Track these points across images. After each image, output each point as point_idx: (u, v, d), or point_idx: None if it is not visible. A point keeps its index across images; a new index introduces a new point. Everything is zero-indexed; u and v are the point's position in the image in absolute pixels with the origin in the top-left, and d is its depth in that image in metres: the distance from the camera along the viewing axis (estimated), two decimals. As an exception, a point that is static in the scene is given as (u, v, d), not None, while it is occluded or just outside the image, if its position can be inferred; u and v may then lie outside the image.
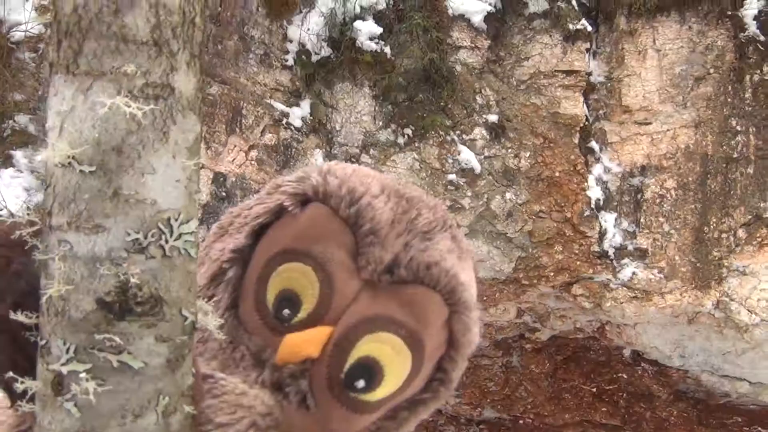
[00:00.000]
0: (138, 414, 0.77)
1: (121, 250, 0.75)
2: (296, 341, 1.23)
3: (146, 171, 0.76)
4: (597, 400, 4.80)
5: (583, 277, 4.76)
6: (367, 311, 1.24)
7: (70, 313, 0.75)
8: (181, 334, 0.80)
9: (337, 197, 1.26)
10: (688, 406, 4.80)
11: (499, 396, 4.75)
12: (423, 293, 1.25)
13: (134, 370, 0.76)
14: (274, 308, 1.26)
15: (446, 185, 4.75)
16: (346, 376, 1.23)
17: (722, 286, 4.67)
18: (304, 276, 1.26)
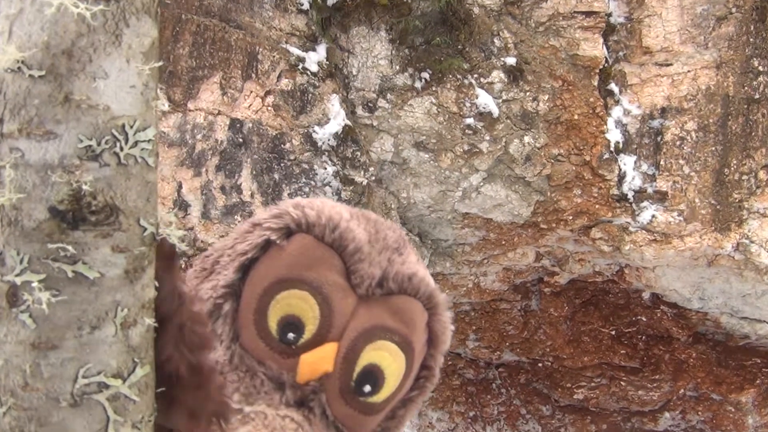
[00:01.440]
0: (95, 326, 0.76)
1: (74, 158, 0.74)
2: (312, 360, 1.35)
3: (98, 75, 0.74)
4: (616, 342, 4.79)
5: (602, 220, 4.72)
6: (366, 323, 1.38)
7: (22, 222, 0.74)
8: (139, 245, 0.79)
9: (319, 226, 1.39)
10: (707, 348, 4.78)
11: (518, 339, 4.76)
12: (408, 301, 1.42)
13: (90, 280, 0.75)
14: (278, 334, 1.37)
15: (464, 129, 4.70)
16: (355, 384, 1.37)
17: (742, 228, 4.62)
18: (303, 301, 1.37)
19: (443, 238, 4.77)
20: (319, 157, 4.47)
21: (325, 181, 4.45)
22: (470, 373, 4.82)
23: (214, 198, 4.39)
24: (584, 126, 4.75)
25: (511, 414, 4.91)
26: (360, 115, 4.63)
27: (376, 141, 4.56)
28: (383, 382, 1.41)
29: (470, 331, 4.70)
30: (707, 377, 4.82)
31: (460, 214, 4.69)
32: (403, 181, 4.62)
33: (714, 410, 4.88)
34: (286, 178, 4.44)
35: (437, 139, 4.57)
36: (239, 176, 4.42)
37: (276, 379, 1.33)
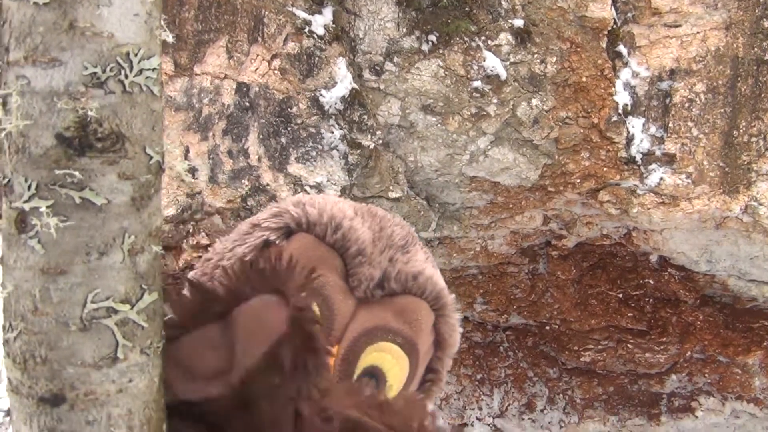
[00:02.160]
0: (103, 251, 0.77)
1: (79, 85, 0.75)
2: None
3: (102, 3, 0.75)
4: (623, 305, 4.80)
5: (610, 183, 4.71)
6: (366, 324, 1.36)
7: (30, 149, 0.75)
8: (146, 173, 0.80)
9: (320, 225, 1.38)
10: (715, 311, 4.79)
11: (526, 303, 4.78)
12: (413, 302, 1.40)
13: (97, 207, 0.76)
14: None
15: (471, 92, 4.69)
16: None
17: (751, 191, 4.60)
18: None
19: (451, 202, 4.77)
20: (326, 120, 4.47)
21: (332, 145, 4.45)
22: (478, 336, 4.85)
23: (222, 162, 4.39)
24: (592, 88, 4.73)
25: (519, 377, 4.93)
26: (367, 78, 4.62)
27: (383, 104, 4.55)
28: (384, 385, 1.39)
29: (478, 295, 4.71)
30: (714, 339, 4.84)
31: (467, 177, 4.69)
32: (410, 144, 4.62)
33: (721, 372, 4.89)
34: (293, 142, 4.44)
35: (444, 103, 4.55)
36: (246, 140, 4.42)
37: None
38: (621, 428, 5.08)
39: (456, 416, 4.84)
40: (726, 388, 4.90)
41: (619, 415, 5.05)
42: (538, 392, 4.95)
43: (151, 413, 0.83)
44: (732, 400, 4.93)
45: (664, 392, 5.00)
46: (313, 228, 1.40)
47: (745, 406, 4.93)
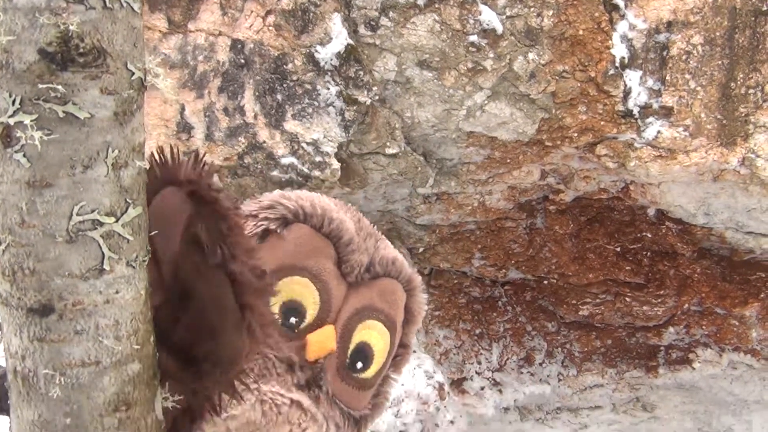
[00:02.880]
0: (87, 165, 0.79)
1: (60, 0, 0.76)
2: (320, 339, 1.50)
3: None
4: (621, 259, 4.82)
5: (608, 137, 4.71)
6: (357, 305, 1.54)
7: (13, 64, 0.77)
8: (128, 89, 0.81)
9: (316, 217, 1.53)
10: (712, 264, 4.81)
11: (524, 257, 4.80)
12: (391, 283, 1.61)
13: (81, 120, 0.78)
14: (281, 318, 1.49)
15: (467, 47, 4.66)
16: (350, 361, 1.54)
17: (748, 143, 4.60)
18: (304, 287, 1.51)
19: (448, 158, 4.77)
20: (322, 77, 4.46)
21: (328, 102, 4.45)
22: (476, 291, 4.88)
23: (218, 120, 4.39)
24: (589, 42, 4.70)
25: (517, 331, 4.98)
26: (362, 34, 4.59)
27: (379, 60, 4.53)
28: (372, 359, 1.58)
29: (476, 250, 4.73)
30: (711, 292, 4.87)
31: (464, 132, 4.69)
32: (406, 100, 4.61)
33: (718, 324, 4.93)
34: (288, 99, 4.44)
35: (441, 58, 4.53)
36: (242, 98, 4.42)
37: (286, 360, 1.44)
38: (619, 381, 5.13)
39: (455, 370, 4.89)
40: (723, 340, 4.95)
41: (617, 368, 5.10)
42: (536, 346, 4.99)
43: (138, 324, 0.85)
44: (729, 351, 4.98)
45: (661, 345, 5.04)
46: (310, 219, 1.54)
47: (742, 357, 4.98)
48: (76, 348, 0.79)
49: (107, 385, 0.83)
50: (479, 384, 4.92)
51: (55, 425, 0.81)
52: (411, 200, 4.74)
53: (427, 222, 4.68)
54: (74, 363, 0.79)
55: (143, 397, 0.89)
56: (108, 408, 0.83)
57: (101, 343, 0.80)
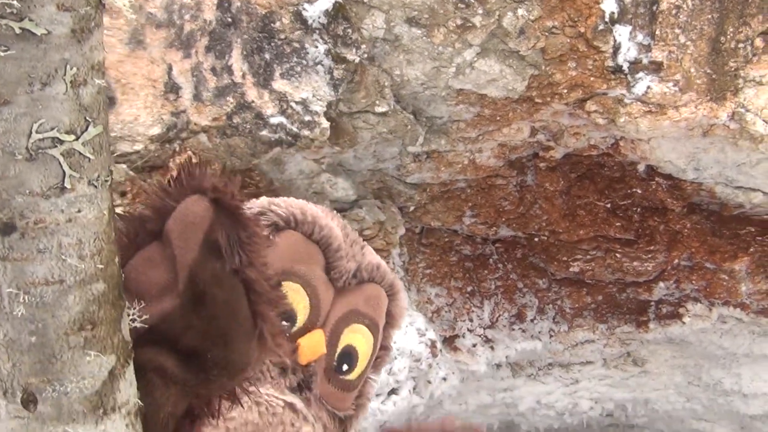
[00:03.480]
0: (45, 82, 0.79)
1: None
2: (311, 344, 1.54)
3: None
4: (611, 215, 4.84)
5: (597, 92, 4.70)
6: (344, 309, 1.59)
7: (-32, -19, 0.76)
8: (85, 5, 0.81)
9: (306, 224, 1.57)
10: (702, 219, 4.83)
11: (514, 215, 4.81)
12: (375, 288, 1.66)
13: (37, 37, 0.78)
14: None
15: (456, 3, 4.63)
16: (336, 364, 1.59)
17: (738, 97, 4.59)
18: (295, 292, 1.53)
19: (438, 116, 4.76)
20: (310, 35, 4.43)
21: (316, 60, 4.43)
22: (467, 249, 4.89)
23: (205, 80, 4.37)
24: (578, -3, 4.68)
25: (508, 288, 5.00)
26: (350, -10, 4.56)
27: (367, 17, 4.50)
28: (357, 361, 1.64)
29: (466, 208, 4.74)
30: (701, 247, 4.89)
31: (454, 90, 4.67)
32: (395, 58, 4.58)
33: (708, 279, 4.96)
34: (277, 58, 4.42)
35: (429, 14, 4.50)
36: (229, 57, 4.39)
37: (280, 364, 1.48)
38: (610, 336, 5.17)
39: (447, 328, 4.92)
40: (713, 294, 4.98)
41: (607, 323, 5.13)
42: (527, 303, 5.02)
43: (101, 244, 0.86)
44: (719, 305, 5.01)
45: (652, 300, 5.07)
46: (301, 226, 1.59)
47: (731, 311, 5.02)
48: (40, 267, 0.80)
49: (72, 304, 0.84)
50: (471, 341, 4.96)
51: (20, 344, 0.82)
52: (401, 159, 4.74)
53: (418, 180, 4.69)
54: (38, 282, 0.80)
55: (109, 317, 0.90)
56: (73, 327, 0.84)
57: (65, 262, 0.80)
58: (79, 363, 0.86)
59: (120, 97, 4.13)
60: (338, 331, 1.62)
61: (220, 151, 4.35)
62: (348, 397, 1.67)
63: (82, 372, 0.87)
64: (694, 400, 6.00)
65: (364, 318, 1.65)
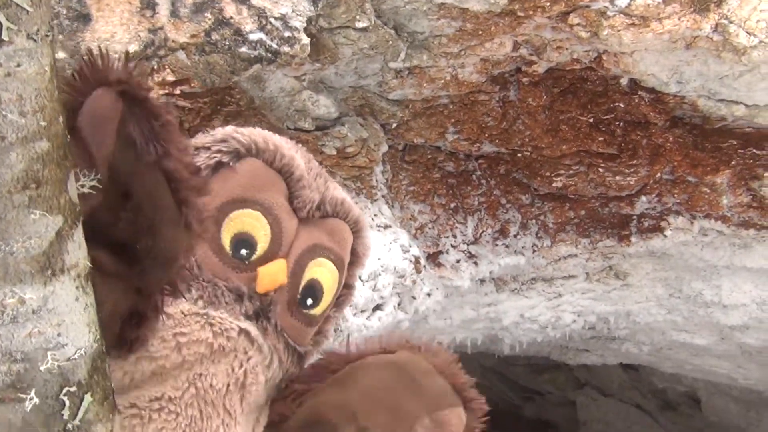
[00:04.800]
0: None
1: None
2: (271, 272, 1.51)
3: None
4: (594, 130, 4.84)
5: (580, 5, 4.64)
6: (309, 242, 1.56)
7: None
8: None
9: (268, 152, 1.54)
10: (684, 132, 4.83)
11: (497, 130, 4.81)
12: (340, 224, 1.64)
13: None
14: (232, 250, 1.51)
15: None
16: (300, 297, 1.57)
17: (721, 9, 4.55)
18: (255, 220, 1.51)
19: (419, 31, 4.71)
20: (288, -52, 4.35)
21: (295, -25, 4.36)
22: (450, 165, 4.90)
23: (183, -5, 4.31)
24: None
25: (492, 204, 5.03)
26: None
27: (346, -70, 4.41)
28: (322, 296, 1.62)
29: (449, 124, 4.73)
30: (684, 160, 4.91)
31: (435, 4, 4.61)
32: (375, -29, 4.51)
33: (690, 192, 4.99)
34: (255, -28, 4.34)
35: (409, -74, 4.42)
36: (207, -28, 4.32)
37: (236, 290, 1.47)
38: (592, 250, 5.22)
39: (431, 244, 4.96)
40: (694, 207, 5.02)
41: (590, 238, 5.18)
42: (511, 218, 5.05)
43: (44, 102, 0.86)
44: (700, 218, 5.06)
45: (634, 214, 5.11)
46: (262, 154, 1.56)
47: (712, 224, 5.06)
48: (-22, 122, 0.80)
49: (14, 162, 0.84)
50: (455, 257, 5.00)
51: (-40, 202, 0.83)
52: (383, 75, 4.71)
53: (400, 97, 4.67)
54: (-23, 137, 0.81)
55: (54, 177, 0.90)
56: (17, 185, 0.85)
57: (5, 118, 0.80)
58: (24, 222, 0.87)
59: (95, 14, 4.07)
60: (302, 263, 1.59)
61: (199, 69, 4.31)
62: (309, 332, 1.65)
63: (28, 232, 0.87)
64: (674, 312, 6.10)
65: (329, 252, 1.62)
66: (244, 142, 1.57)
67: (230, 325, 1.49)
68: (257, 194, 1.54)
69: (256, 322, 1.54)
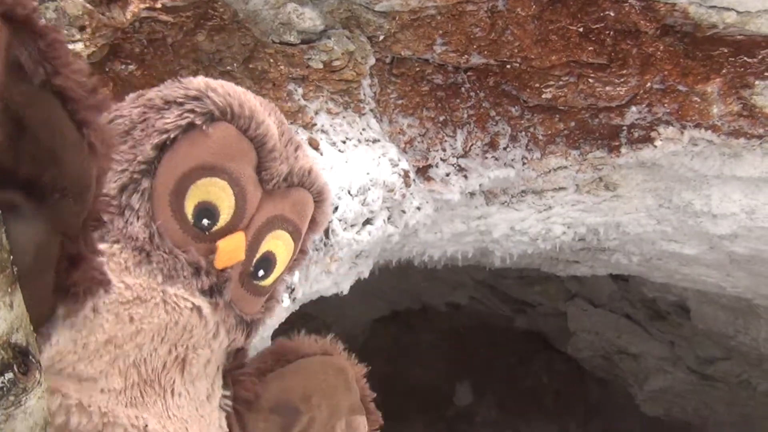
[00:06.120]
0: None
1: None
2: (230, 249, 1.49)
3: None
4: (584, 39, 4.76)
5: None
6: (268, 214, 1.54)
7: None
8: None
9: (243, 118, 1.49)
10: (675, 40, 4.77)
11: (486, 41, 4.73)
12: (304, 194, 1.62)
13: None
14: (193, 218, 1.47)
15: None
16: (253, 269, 1.57)
17: None
18: (221, 190, 1.48)
19: (405, -61, 4.59)
20: None
21: None
22: (439, 78, 4.85)
23: None
24: None
25: (481, 116, 4.99)
26: None
27: None
28: (274, 267, 1.62)
29: (437, 36, 4.66)
30: (674, 69, 4.85)
31: None
32: None
33: (680, 101, 4.96)
34: None
35: None
36: None
37: (194, 264, 1.41)
38: (582, 162, 5.21)
39: (420, 158, 4.95)
40: (685, 117, 4.99)
41: (580, 149, 5.16)
42: (500, 131, 5.02)
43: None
44: (690, 128, 5.03)
45: (624, 124, 5.09)
46: (237, 120, 1.50)
47: (702, 133, 5.04)
48: None
49: None
50: (444, 170, 4.99)
51: None
52: (369, -14, 4.62)
53: (386, 8, 4.58)
54: None
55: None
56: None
57: None
58: None
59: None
60: (260, 236, 1.58)
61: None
62: (258, 301, 1.67)
63: None
64: (664, 222, 6.13)
65: (288, 224, 1.61)
66: (219, 105, 1.51)
67: (184, 304, 1.50)
68: (226, 163, 1.49)
69: (210, 298, 1.54)
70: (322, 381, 1.81)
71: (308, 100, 4.61)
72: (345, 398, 1.83)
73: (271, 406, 1.76)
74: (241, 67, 4.45)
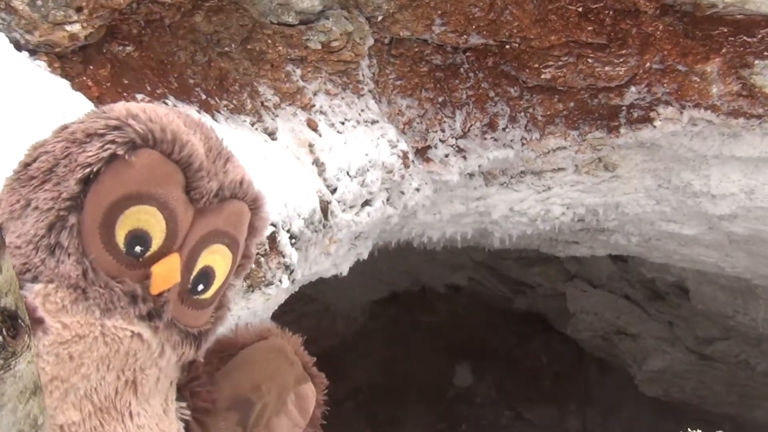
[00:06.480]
0: None
1: None
2: (164, 273, 1.48)
3: None
4: (583, 19, 4.75)
5: None
6: (202, 231, 1.52)
7: None
8: None
9: (166, 142, 1.48)
10: (674, 20, 4.75)
11: (485, 21, 4.72)
12: (238, 205, 1.61)
13: None
14: (126, 247, 1.47)
15: None
16: (192, 285, 1.55)
17: None
18: (151, 216, 1.46)
19: None
20: None
21: None
22: (438, 59, 4.83)
23: None
24: None
25: (480, 97, 4.98)
26: None
27: None
28: (213, 280, 1.61)
29: (436, 16, 4.64)
30: (674, 49, 4.84)
31: None
32: None
33: (679, 81, 4.95)
34: None
35: None
36: None
37: (130, 293, 1.47)
38: (581, 142, 5.21)
39: (419, 139, 4.94)
40: (684, 97, 4.98)
41: (579, 130, 5.16)
42: (499, 111, 5.02)
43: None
44: (690, 108, 5.03)
45: (623, 104, 5.08)
46: (160, 145, 1.49)
47: (702, 113, 5.03)
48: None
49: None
50: (443, 151, 4.99)
51: None
52: (367, -34, 4.60)
53: (385, -12, 4.57)
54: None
55: None
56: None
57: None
58: None
59: None
60: (196, 253, 1.57)
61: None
62: (202, 314, 1.66)
63: None
64: (663, 203, 6.12)
65: (224, 237, 1.61)
66: (140, 132, 1.49)
67: (123, 333, 1.51)
68: (153, 189, 1.49)
69: (149, 322, 1.54)
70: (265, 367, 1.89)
71: (307, 81, 4.60)
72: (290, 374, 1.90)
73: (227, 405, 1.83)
74: (239, 48, 4.44)
